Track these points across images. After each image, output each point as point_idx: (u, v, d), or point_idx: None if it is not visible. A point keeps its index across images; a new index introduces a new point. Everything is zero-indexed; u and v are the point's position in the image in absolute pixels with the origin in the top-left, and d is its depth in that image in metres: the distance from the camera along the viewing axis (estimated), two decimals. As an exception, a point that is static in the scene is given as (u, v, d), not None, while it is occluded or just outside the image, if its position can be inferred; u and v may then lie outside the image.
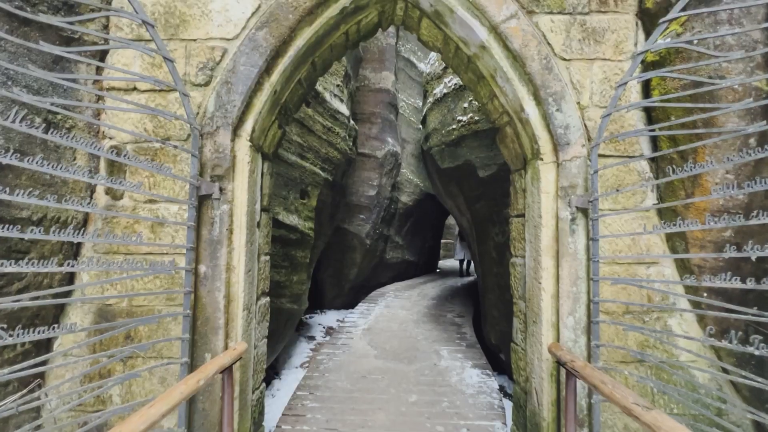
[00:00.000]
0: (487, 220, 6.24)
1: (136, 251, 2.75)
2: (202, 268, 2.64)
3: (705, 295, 2.57)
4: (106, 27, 2.95)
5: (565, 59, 2.96)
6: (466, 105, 6.60)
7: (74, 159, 2.74)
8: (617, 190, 2.54)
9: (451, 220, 24.76)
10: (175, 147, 2.45)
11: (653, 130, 2.71)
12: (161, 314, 2.40)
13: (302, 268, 6.04)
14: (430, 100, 8.15)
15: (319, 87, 6.38)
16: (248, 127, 2.83)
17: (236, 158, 2.78)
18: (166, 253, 2.74)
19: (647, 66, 2.87)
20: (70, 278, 2.70)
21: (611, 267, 2.85)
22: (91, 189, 2.84)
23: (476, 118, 6.20)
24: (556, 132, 2.86)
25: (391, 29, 11.19)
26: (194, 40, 2.87)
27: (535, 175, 3.01)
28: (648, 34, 2.99)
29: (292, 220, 5.53)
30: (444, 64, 7.71)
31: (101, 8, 2.57)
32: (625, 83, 2.56)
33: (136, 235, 2.27)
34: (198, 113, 2.81)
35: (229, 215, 2.69)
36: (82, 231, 2.77)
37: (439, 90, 7.80)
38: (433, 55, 8.76)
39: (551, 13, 2.98)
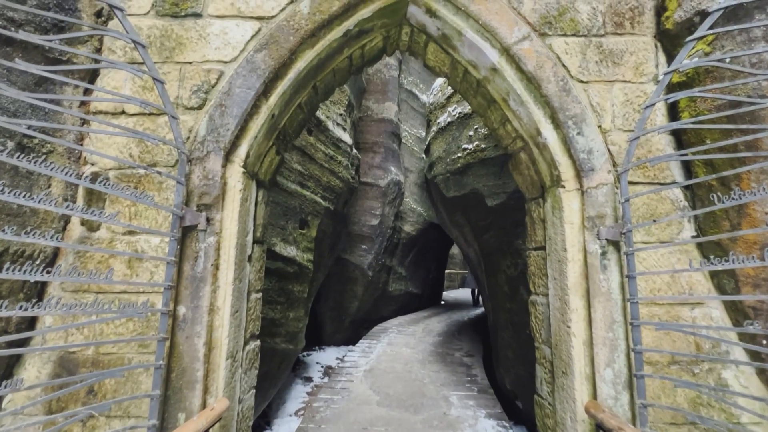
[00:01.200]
0: (497, 252, 5.93)
1: (109, 290, 2.46)
2: (182, 310, 2.32)
3: (765, 343, 2.22)
4: (99, 50, 2.83)
5: (582, 81, 2.79)
6: (471, 133, 6.48)
7: (48, 186, 2.51)
8: (654, 221, 2.27)
9: (454, 249, 24.33)
10: (159, 173, 2.22)
11: (686, 154, 2.48)
12: (129, 366, 2.07)
13: (300, 304, 5.67)
14: (434, 129, 8.09)
15: (321, 115, 6.30)
16: (242, 152, 2.62)
17: (227, 185, 2.54)
18: (143, 292, 2.44)
19: (672, 87, 2.68)
20: (31, 321, 2.39)
21: (649, 308, 2.51)
22: (66, 219, 2.59)
23: (483, 145, 6.06)
24: (578, 157, 2.63)
25: (394, 62, 11.42)
26: (189, 62, 2.72)
27: (557, 204, 2.75)
28: (669, 55, 2.84)
29: (290, 251, 5.24)
30: (448, 94, 7.71)
31: (87, 26, 2.43)
32: (654, 104, 2.36)
33: (106, 272, 1.99)
34: (189, 138, 2.61)
35: (215, 248, 2.42)
36: (51, 265, 2.49)
37: (443, 119, 7.74)
38: (436, 85, 8.82)
39: (565, 35, 2.84)
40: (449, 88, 7.74)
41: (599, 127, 2.73)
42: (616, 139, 2.72)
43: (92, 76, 2.74)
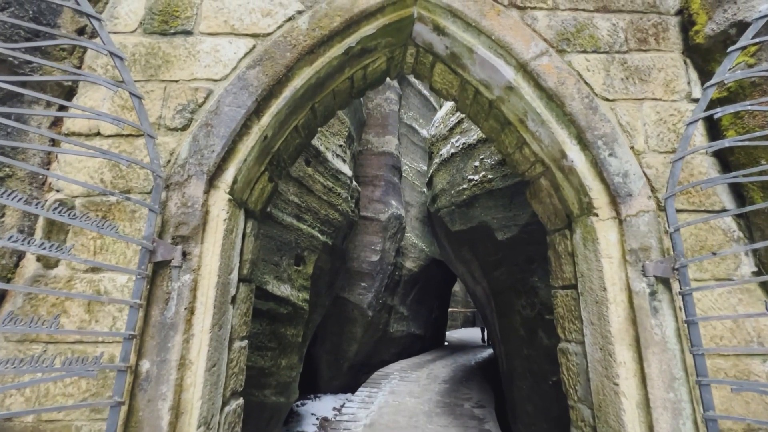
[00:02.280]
0: (509, 290, 5.50)
1: (62, 339, 2.05)
2: (145, 365, 1.91)
3: None
4: (79, 68, 2.62)
5: (608, 99, 2.57)
6: (476, 164, 6.29)
7: (2, 216, 2.18)
8: (714, 254, 1.92)
9: (456, 287, 23.59)
10: (128, 199, 1.91)
11: (738, 176, 2.18)
12: (68, 443, 1.63)
13: (293, 350, 5.15)
14: (437, 161, 7.94)
15: (320, 146, 6.13)
16: (229, 177, 2.32)
17: (209, 214, 2.21)
18: (102, 341, 2.04)
19: (711, 104, 2.44)
20: (-42, 381, 1.97)
21: (712, 361, 2.10)
22: (20, 254, 2.23)
23: (490, 176, 5.83)
24: (612, 181, 2.33)
25: (394, 96, 11.56)
26: (176, 81, 2.50)
27: (589, 236, 2.42)
28: (701, 71, 2.64)
29: (283, 290, 4.82)
30: (450, 126, 7.63)
31: (60, 35, 2.22)
32: (698, 120, 2.10)
33: (50, 320, 1.61)
34: (170, 161, 2.32)
35: (191, 288, 2.04)
36: (-5, 311, 2.10)
37: (445, 150, 7.61)
38: (438, 117, 8.80)
39: (585, 52, 2.66)
40: (452, 120, 7.67)
41: (631, 148, 2.46)
42: (652, 162, 2.44)
43: (68, 94, 2.50)
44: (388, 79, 3.43)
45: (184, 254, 2.06)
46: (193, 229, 2.11)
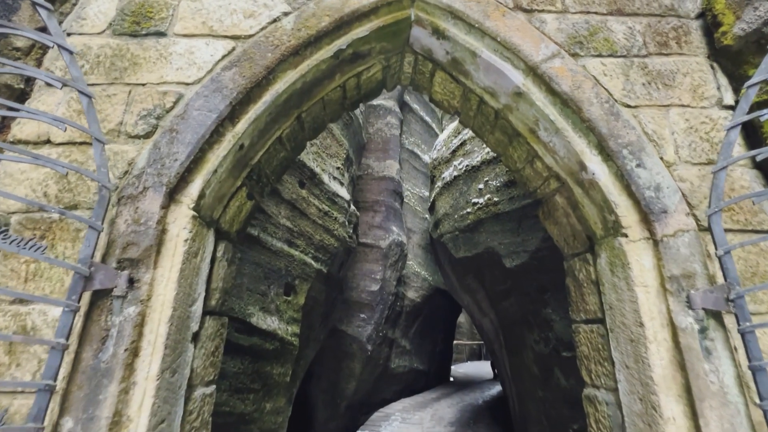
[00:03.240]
0: (520, 323, 5.05)
1: (-26, 387, 1.68)
2: (67, 425, 1.52)
3: None
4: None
5: (629, 106, 2.29)
6: (481, 186, 6.01)
7: None
8: (782, 282, 1.56)
9: (460, 317, 22.74)
10: (63, 214, 1.60)
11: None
12: None
13: (280, 391, 4.66)
14: (439, 184, 7.68)
15: (316, 168, 5.90)
16: (194, 190, 2.02)
17: (167, 233, 1.89)
18: (22, 392, 1.66)
19: (750, 108, 2.16)
20: None
21: (787, 417, 1.69)
22: (-61, 281, 1.90)
23: (495, 198, 5.53)
24: (642, 195, 2.01)
25: (395, 121, 11.51)
26: (143, 84, 2.26)
27: (618, 260, 2.07)
28: (731, 76, 2.38)
29: (270, 323, 4.41)
30: (453, 148, 7.44)
31: None
32: (739, 124, 1.82)
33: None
34: (127, 171, 2.03)
35: (136, 324, 1.68)
36: None
37: (448, 173, 7.37)
38: (440, 140, 8.64)
39: (600, 56, 2.42)
40: (454, 142, 7.49)
41: (661, 158, 2.16)
42: (686, 174, 2.13)
43: (20, 98, 2.26)
44: (391, 103, 3.22)
45: (131, 281, 1.72)
46: (144, 250, 1.78)
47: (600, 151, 2.17)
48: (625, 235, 2.04)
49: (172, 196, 1.94)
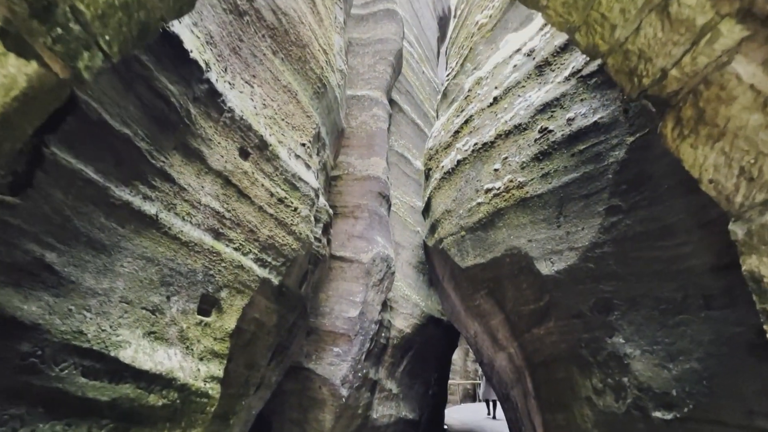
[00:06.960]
0: (567, 360, 3.45)
1: None
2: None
3: None
4: None
5: None
6: (497, 166, 4.57)
7: None
8: None
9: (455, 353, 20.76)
10: None
11: None
12: None
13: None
14: (436, 176, 6.25)
15: (269, 136, 4.39)
16: None
17: None
18: None
19: None
20: None
21: None
22: None
23: (520, 179, 4.07)
24: None
25: (383, 113, 10.17)
26: None
27: None
28: None
29: (162, 360, 2.72)
30: (454, 129, 6.06)
31: None
32: None
33: None
34: None
35: None
36: None
37: (448, 160, 5.96)
38: (438, 124, 7.27)
39: None
40: (456, 121, 6.13)
41: None
42: None
43: None
44: (377, 94, 1.88)
45: None
46: None
47: None
48: None
49: None
